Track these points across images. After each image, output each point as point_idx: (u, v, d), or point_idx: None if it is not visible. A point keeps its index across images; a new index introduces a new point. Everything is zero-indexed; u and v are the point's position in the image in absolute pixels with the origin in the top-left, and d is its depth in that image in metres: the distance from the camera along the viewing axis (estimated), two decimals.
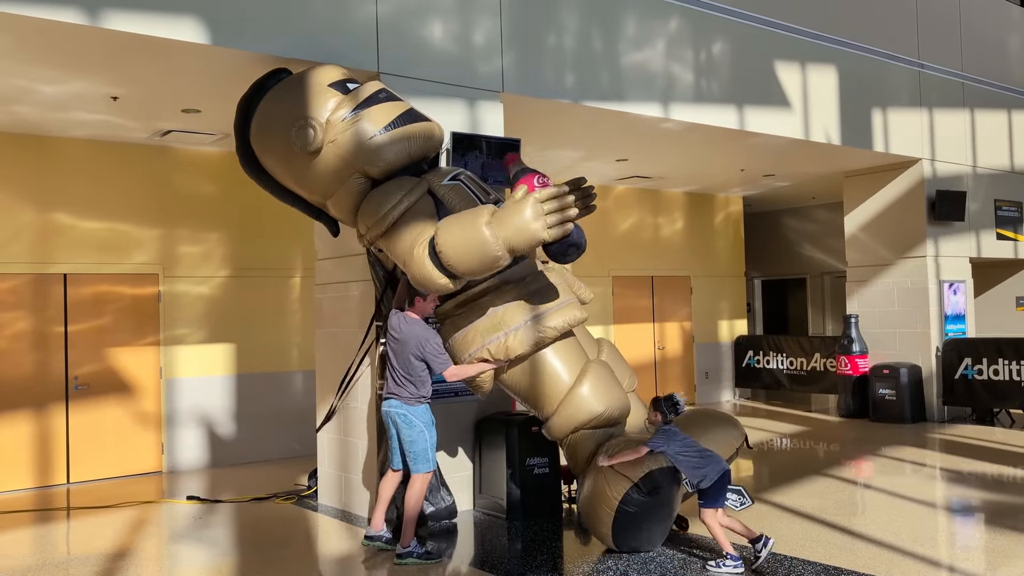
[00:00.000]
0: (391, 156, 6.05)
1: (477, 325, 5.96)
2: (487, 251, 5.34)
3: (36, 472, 8.69)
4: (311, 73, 6.30)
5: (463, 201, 5.99)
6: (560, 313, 5.96)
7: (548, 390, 6.00)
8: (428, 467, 5.87)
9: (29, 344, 8.71)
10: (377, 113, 6.07)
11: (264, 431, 9.92)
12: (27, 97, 7.43)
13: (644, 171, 12.31)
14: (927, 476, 8.37)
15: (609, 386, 6.01)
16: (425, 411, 5.90)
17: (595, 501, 5.67)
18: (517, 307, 5.92)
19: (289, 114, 6.13)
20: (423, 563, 5.68)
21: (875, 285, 12.36)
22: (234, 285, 9.87)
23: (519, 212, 5.31)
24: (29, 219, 8.73)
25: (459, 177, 6.21)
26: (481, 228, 5.33)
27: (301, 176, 6.30)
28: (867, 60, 11.17)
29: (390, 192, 5.94)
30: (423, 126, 6.20)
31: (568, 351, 6.08)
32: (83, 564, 5.97)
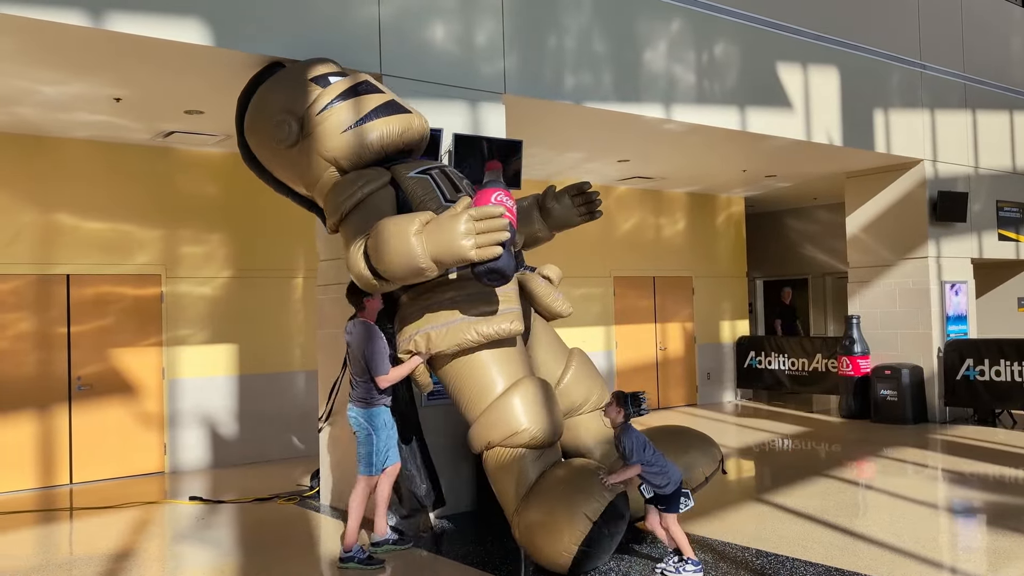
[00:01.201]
0: (361, 150, 6.06)
1: (410, 313, 5.82)
2: (412, 262, 5.19)
3: (39, 472, 8.71)
4: (296, 68, 6.41)
5: (426, 195, 5.92)
6: (493, 321, 5.66)
7: (474, 393, 5.70)
8: (369, 471, 5.81)
9: (32, 345, 8.73)
10: (351, 107, 6.10)
11: (266, 431, 9.94)
12: (29, 98, 7.45)
13: (646, 172, 12.32)
14: (929, 477, 8.37)
15: (542, 405, 5.59)
16: (379, 413, 5.82)
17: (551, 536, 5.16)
18: (452, 305, 5.70)
19: (271, 108, 6.27)
20: (363, 568, 5.63)
21: (877, 286, 12.36)
22: (236, 286, 9.88)
23: (450, 226, 5.14)
24: (31, 220, 8.74)
25: (430, 171, 6.12)
26: (409, 237, 5.18)
27: (287, 169, 6.48)
28: (869, 61, 11.17)
29: (346, 183, 5.96)
30: (400, 118, 6.16)
31: (507, 360, 5.76)
32: (86, 565, 5.99)
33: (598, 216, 7.02)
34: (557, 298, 6.48)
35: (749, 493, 7.69)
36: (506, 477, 5.52)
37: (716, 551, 5.79)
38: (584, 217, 6.96)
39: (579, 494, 5.15)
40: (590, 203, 6.92)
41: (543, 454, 5.56)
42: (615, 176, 12.58)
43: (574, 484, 5.26)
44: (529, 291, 6.32)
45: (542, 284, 6.42)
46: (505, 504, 5.59)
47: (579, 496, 5.13)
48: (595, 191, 6.93)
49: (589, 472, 5.35)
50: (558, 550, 5.09)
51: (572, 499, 5.14)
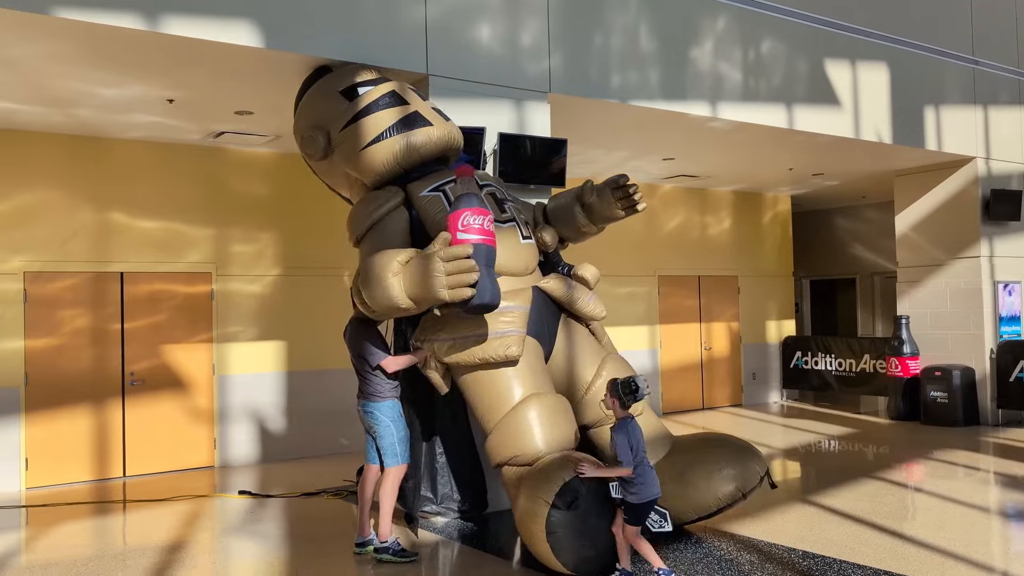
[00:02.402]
0: (379, 167, 6.17)
1: (427, 319, 5.95)
2: (391, 303, 5.37)
3: (94, 465, 8.93)
4: (330, 78, 6.56)
5: (440, 213, 5.98)
6: (490, 346, 5.67)
7: (487, 406, 5.75)
8: (396, 461, 5.88)
9: (88, 340, 8.95)
10: (371, 123, 6.18)
11: (313, 427, 10.07)
12: (87, 100, 7.64)
13: (691, 170, 12.25)
14: (980, 480, 8.22)
15: (551, 422, 5.59)
16: (391, 407, 5.91)
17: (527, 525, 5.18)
18: (466, 320, 5.73)
19: (304, 122, 6.55)
20: (398, 561, 5.70)
21: (927, 286, 12.16)
22: (285, 284, 10.03)
23: (423, 267, 5.24)
24: (88, 219, 8.97)
25: (443, 187, 6.13)
26: (388, 278, 5.35)
27: (325, 176, 6.82)
28: (920, 57, 11.00)
29: (360, 208, 6.14)
30: (419, 133, 6.18)
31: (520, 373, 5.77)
32: (140, 555, 6.13)
33: (641, 209, 6.94)
34: (589, 301, 6.44)
35: (795, 495, 7.62)
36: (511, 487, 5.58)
37: (762, 551, 5.76)
38: (626, 211, 6.90)
39: (540, 482, 5.11)
40: (628, 196, 6.84)
41: None
42: (660, 174, 12.53)
43: (538, 473, 5.23)
44: (561, 295, 6.32)
45: (575, 287, 6.40)
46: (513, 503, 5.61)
47: (540, 483, 5.11)
48: (633, 184, 6.83)
49: (556, 461, 5.23)
50: (536, 540, 5.08)
51: (533, 488, 5.13)
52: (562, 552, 5.01)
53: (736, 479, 5.76)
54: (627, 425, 4.95)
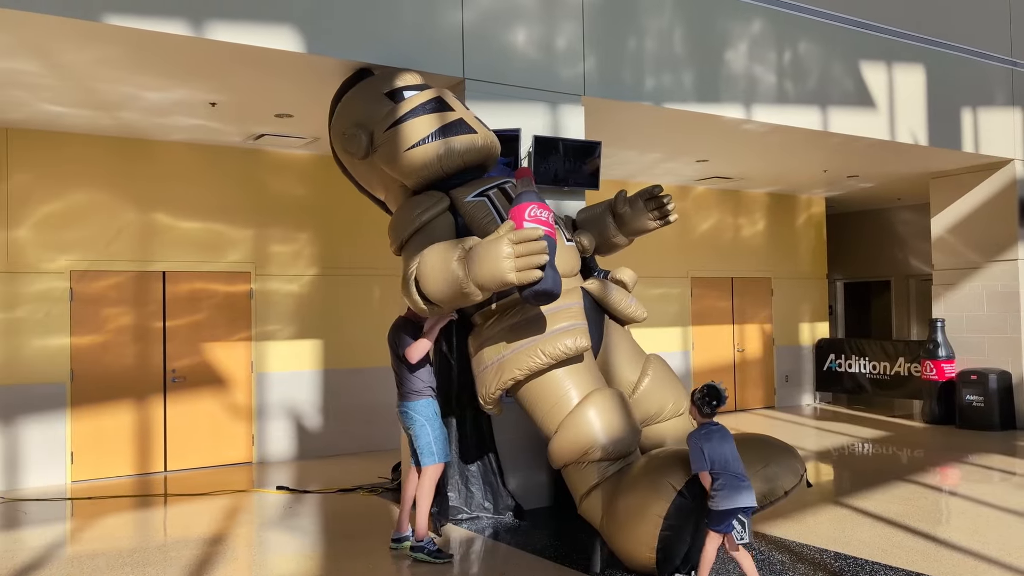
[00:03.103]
0: (422, 170, 6.20)
1: (487, 345, 5.92)
2: (457, 288, 5.32)
3: (137, 460, 9.15)
4: (375, 80, 6.62)
5: (486, 218, 6.06)
6: (559, 340, 5.69)
7: (548, 411, 5.75)
8: (433, 460, 5.93)
9: (131, 337, 9.17)
10: (416, 126, 6.19)
11: (350, 425, 10.23)
12: (133, 104, 7.84)
13: (724, 172, 12.26)
14: (1016, 485, 8.16)
15: (615, 418, 5.60)
16: (426, 405, 5.98)
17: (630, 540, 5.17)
18: (522, 328, 5.79)
19: (345, 120, 6.56)
20: (433, 560, 5.76)
21: (963, 288, 12.07)
22: (322, 283, 10.20)
23: (491, 252, 5.19)
24: (132, 219, 9.19)
25: (487, 192, 6.22)
26: (452, 263, 5.32)
27: (362, 176, 6.83)
28: (957, 59, 10.93)
29: (406, 212, 6.14)
30: (462, 139, 6.22)
31: (577, 373, 5.80)
32: (181, 547, 6.30)
33: (673, 220, 7.02)
34: (631, 303, 6.54)
35: (828, 496, 7.63)
36: (591, 489, 5.55)
37: (793, 552, 5.79)
38: (657, 222, 6.98)
39: (668, 468, 5.12)
40: (662, 207, 6.94)
41: (616, 463, 5.57)
42: (693, 176, 12.55)
43: (659, 463, 5.25)
44: (602, 297, 6.40)
45: (616, 290, 6.48)
46: (592, 518, 5.59)
47: (667, 469, 5.11)
48: (667, 195, 6.95)
49: (661, 465, 5.21)
50: (639, 554, 5.10)
51: (659, 472, 5.13)
52: (669, 544, 5.02)
53: (778, 477, 5.72)
54: (701, 432, 4.93)
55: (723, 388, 4.95)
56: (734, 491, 4.74)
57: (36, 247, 8.71)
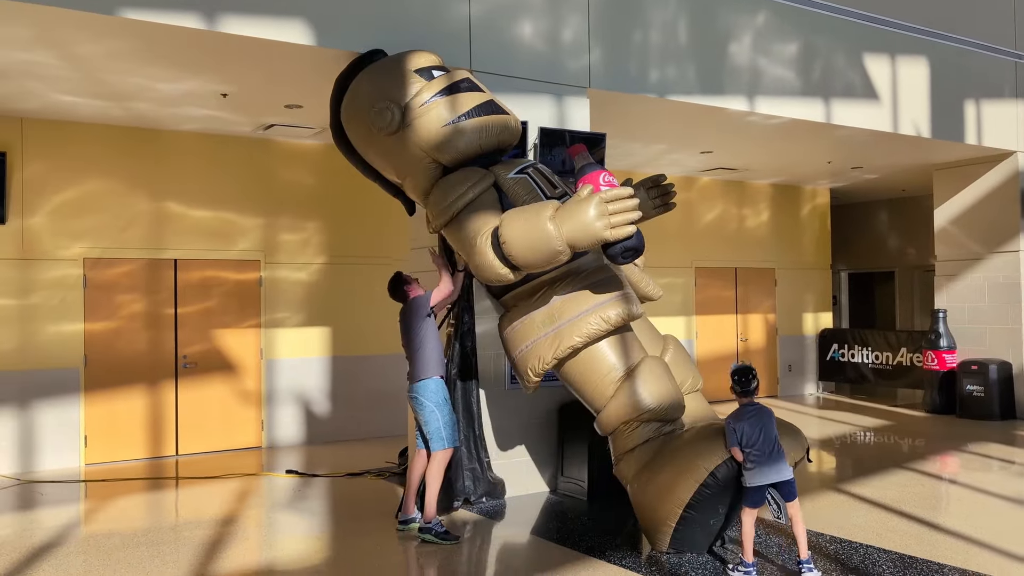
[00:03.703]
0: (462, 145, 6.18)
1: (534, 316, 5.97)
2: (549, 245, 5.40)
3: (149, 443, 9.33)
4: (402, 57, 6.53)
5: (528, 195, 6.10)
6: (615, 306, 5.82)
7: (600, 384, 5.87)
8: (443, 445, 6.06)
9: (143, 324, 9.34)
10: (454, 102, 6.21)
11: (357, 411, 10.40)
12: (144, 94, 7.98)
13: (729, 163, 12.36)
14: (1013, 473, 8.28)
15: (661, 382, 5.81)
16: (436, 390, 6.11)
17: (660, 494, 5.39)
18: (573, 299, 5.87)
19: (373, 95, 6.34)
20: (441, 542, 5.90)
21: (965, 280, 12.17)
22: (331, 271, 10.35)
23: (583, 210, 5.35)
24: (144, 208, 9.34)
25: (527, 170, 6.31)
26: (544, 222, 5.39)
27: (381, 155, 6.58)
28: (960, 51, 10.99)
29: (456, 183, 6.08)
30: (498, 118, 6.31)
31: (624, 345, 5.94)
32: (193, 528, 6.47)
33: (672, 207, 7.19)
34: (650, 283, 6.73)
35: (828, 483, 7.77)
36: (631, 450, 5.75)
37: (790, 536, 5.91)
38: (659, 209, 7.16)
39: (701, 446, 5.33)
40: (666, 195, 7.12)
41: (669, 427, 5.79)
42: (698, 167, 12.65)
43: (697, 441, 5.44)
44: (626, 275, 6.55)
45: (634, 270, 6.64)
46: (623, 477, 5.81)
47: (702, 447, 5.32)
48: (670, 183, 7.13)
49: (699, 445, 5.41)
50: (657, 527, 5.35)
51: (694, 450, 5.33)
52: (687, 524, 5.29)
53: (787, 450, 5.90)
54: (740, 411, 5.14)
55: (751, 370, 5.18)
56: (764, 467, 4.97)
57: (50, 235, 8.88)
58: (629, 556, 5.56)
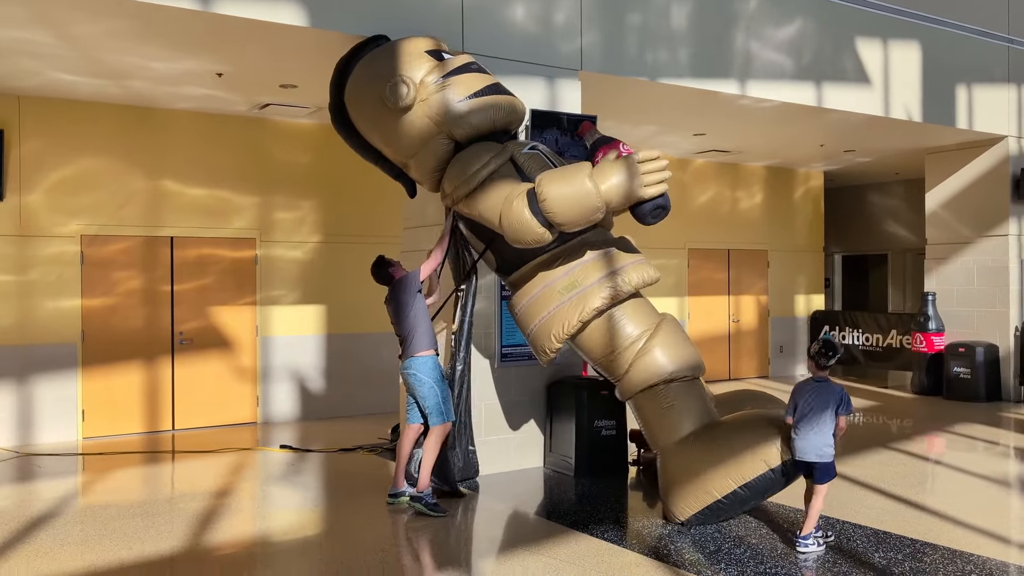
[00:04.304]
0: (476, 120, 6.36)
1: (554, 285, 6.15)
2: (589, 202, 5.67)
3: (146, 418, 9.48)
4: (409, 40, 6.66)
5: (542, 168, 6.24)
6: (635, 270, 6.10)
7: (620, 350, 6.07)
8: (441, 419, 6.22)
9: (140, 301, 9.47)
10: (467, 80, 6.41)
11: (351, 388, 10.55)
12: (141, 73, 8.06)
13: (722, 145, 12.44)
14: (991, 453, 8.44)
15: (679, 343, 6.07)
16: (433, 367, 6.24)
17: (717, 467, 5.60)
18: (593, 265, 6.12)
19: (386, 72, 6.42)
20: (430, 513, 6.05)
21: (954, 263, 12.29)
22: (325, 250, 10.46)
23: (619, 170, 5.72)
24: (141, 186, 9.44)
25: (537, 148, 6.53)
26: (584, 180, 5.67)
27: (389, 134, 6.59)
28: (953, 36, 11.05)
29: (479, 153, 6.27)
30: (507, 99, 6.53)
31: (639, 310, 6.19)
32: (188, 500, 6.62)
33: None
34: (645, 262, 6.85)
35: None
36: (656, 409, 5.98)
37: (768, 512, 6.09)
38: None
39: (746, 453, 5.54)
40: None
41: (691, 387, 6.01)
42: (691, 149, 12.74)
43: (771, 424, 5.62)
44: None
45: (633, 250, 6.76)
46: (656, 435, 6.01)
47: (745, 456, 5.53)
48: None
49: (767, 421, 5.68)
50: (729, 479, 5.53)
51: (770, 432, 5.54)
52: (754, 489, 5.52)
53: None
54: (802, 384, 5.31)
55: (837, 341, 5.26)
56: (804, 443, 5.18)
57: (48, 212, 8.98)
58: (611, 530, 5.73)
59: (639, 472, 7.45)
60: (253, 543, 5.63)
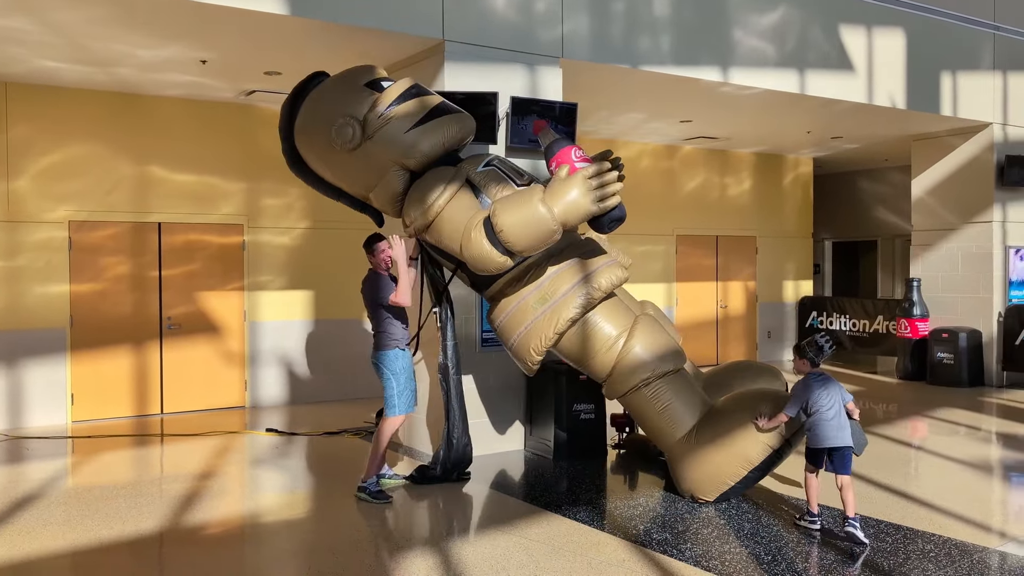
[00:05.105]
0: (426, 148, 6.35)
1: (527, 300, 6.21)
2: (544, 227, 5.69)
3: (134, 402, 9.59)
4: (347, 74, 6.69)
5: (499, 185, 6.30)
6: (604, 273, 6.15)
7: (600, 353, 6.21)
8: (393, 412, 6.26)
9: (128, 286, 9.55)
10: (409, 108, 6.39)
11: (337, 372, 10.65)
12: (126, 60, 8.12)
13: (709, 132, 12.50)
14: (969, 437, 8.54)
15: (657, 339, 6.19)
16: (395, 357, 6.28)
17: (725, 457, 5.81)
18: (562, 275, 6.17)
19: (329, 114, 6.47)
20: (372, 501, 6.11)
21: (939, 249, 12.38)
22: (313, 236, 10.54)
23: (570, 189, 5.70)
24: (128, 172, 9.52)
25: (492, 163, 6.51)
26: (537, 206, 5.68)
27: (343, 172, 6.67)
28: (938, 23, 11.09)
29: (433, 182, 6.25)
30: (454, 116, 6.51)
31: (615, 312, 6.28)
32: (175, 482, 6.74)
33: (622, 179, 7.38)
34: (618, 253, 6.92)
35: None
36: (653, 410, 6.16)
37: (744, 494, 6.19)
38: None
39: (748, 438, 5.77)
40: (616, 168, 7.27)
41: (680, 381, 6.18)
42: (679, 136, 12.80)
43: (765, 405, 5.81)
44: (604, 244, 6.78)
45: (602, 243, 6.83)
46: (659, 436, 6.19)
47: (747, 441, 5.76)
48: (617, 157, 7.26)
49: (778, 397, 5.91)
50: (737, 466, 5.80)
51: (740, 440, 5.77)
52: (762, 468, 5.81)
53: None
54: (806, 379, 5.46)
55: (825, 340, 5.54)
56: (824, 431, 5.30)
57: (36, 197, 9.06)
58: (585, 511, 5.84)
59: (619, 455, 7.56)
60: (236, 524, 5.74)
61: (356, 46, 7.57)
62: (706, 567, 4.74)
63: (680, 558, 4.89)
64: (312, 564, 4.87)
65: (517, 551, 5.02)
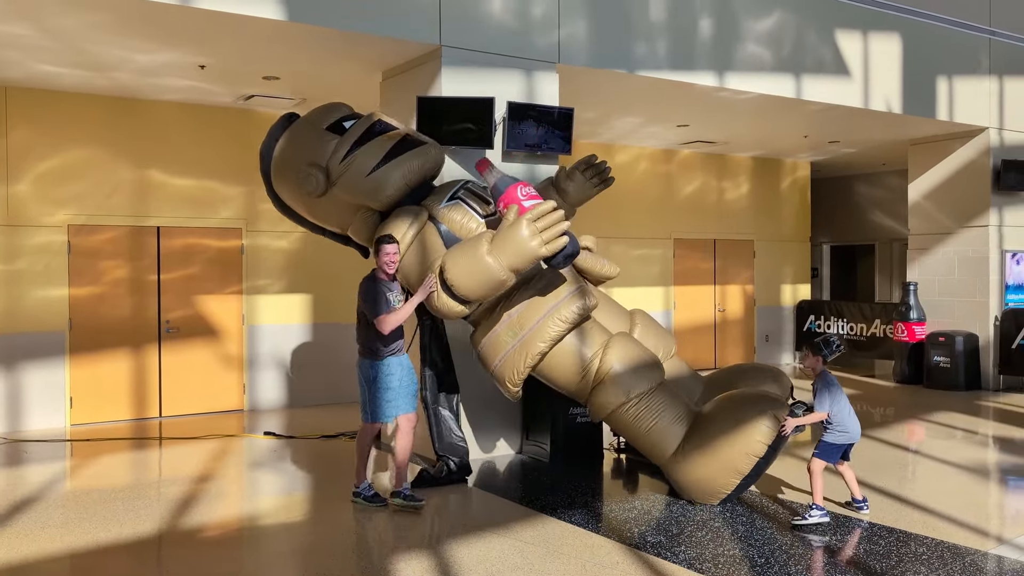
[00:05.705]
0: (390, 190, 6.44)
1: (498, 333, 6.22)
2: (493, 277, 5.74)
3: (133, 405, 9.62)
4: (312, 117, 6.78)
5: (464, 218, 6.39)
6: (569, 304, 6.10)
7: (577, 379, 6.25)
8: (364, 418, 6.19)
9: (127, 290, 9.59)
10: (371, 149, 6.44)
11: (335, 376, 10.68)
12: (125, 65, 8.16)
13: (707, 136, 12.54)
14: (964, 440, 8.57)
15: (633, 359, 6.18)
16: (366, 368, 6.17)
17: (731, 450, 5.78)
18: (530, 308, 6.14)
19: (294, 161, 6.61)
20: (368, 505, 6.11)
21: (936, 253, 12.42)
22: (311, 240, 10.54)
23: (515, 235, 5.68)
24: (127, 176, 9.55)
25: (458, 194, 6.56)
26: (483, 258, 5.71)
27: (318, 214, 6.91)
28: (934, 28, 11.14)
29: (395, 224, 6.33)
30: (416, 152, 6.54)
31: (588, 336, 6.28)
32: (173, 485, 6.77)
33: (611, 182, 7.51)
34: (604, 263, 6.98)
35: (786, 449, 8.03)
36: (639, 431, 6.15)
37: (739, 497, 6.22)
38: (598, 187, 7.46)
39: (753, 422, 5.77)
40: (601, 172, 7.39)
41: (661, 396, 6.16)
42: (677, 140, 12.83)
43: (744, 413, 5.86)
44: (575, 264, 6.77)
45: (587, 255, 6.87)
46: (651, 453, 6.20)
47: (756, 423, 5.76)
48: (603, 161, 7.38)
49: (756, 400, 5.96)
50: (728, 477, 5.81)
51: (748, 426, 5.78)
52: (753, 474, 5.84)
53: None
54: (825, 375, 5.69)
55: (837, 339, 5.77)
56: (851, 426, 5.64)
57: (35, 201, 9.09)
58: (580, 514, 5.87)
59: (617, 460, 7.59)
60: (233, 527, 5.77)
61: (353, 51, 7.62)
62: (700, 570, 4.77)
63: (674, 560, 4.92)
64: (309, 566, 4.90)
65: (512, 554, 5.05)
